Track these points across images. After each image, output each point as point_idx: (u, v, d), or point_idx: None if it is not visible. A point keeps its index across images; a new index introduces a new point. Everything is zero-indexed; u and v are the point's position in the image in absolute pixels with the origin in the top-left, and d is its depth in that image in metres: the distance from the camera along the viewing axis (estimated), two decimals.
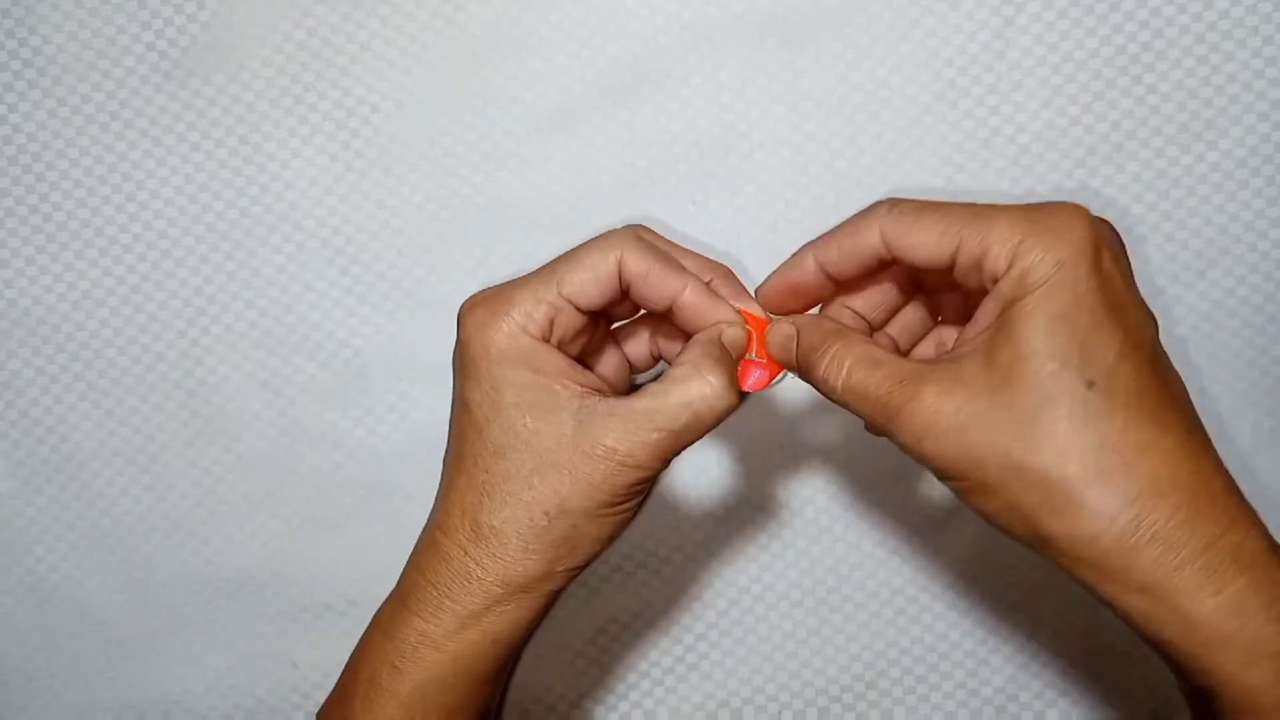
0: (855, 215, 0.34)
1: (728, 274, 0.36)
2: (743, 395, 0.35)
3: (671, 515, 0.49)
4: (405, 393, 0.50)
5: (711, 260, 0.36)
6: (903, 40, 0.46)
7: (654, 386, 0.34)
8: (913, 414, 0.31)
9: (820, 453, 0.49)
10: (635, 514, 0.35)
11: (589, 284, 0.34)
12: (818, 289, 0.35)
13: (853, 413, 0.33)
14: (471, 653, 0.34)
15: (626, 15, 0.47)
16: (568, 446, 0.33)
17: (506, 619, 0.34)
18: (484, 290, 0.35)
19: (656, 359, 0.40)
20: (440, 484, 0.36)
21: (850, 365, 0.33)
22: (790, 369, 0.35)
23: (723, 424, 0.37)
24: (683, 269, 0.35)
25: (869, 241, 0.33)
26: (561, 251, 0.34)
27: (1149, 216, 0.46)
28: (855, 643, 0.50)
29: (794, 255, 0.35)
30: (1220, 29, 0.45)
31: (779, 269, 0.35)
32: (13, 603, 0.52)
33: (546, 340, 0.34)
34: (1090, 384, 0.29)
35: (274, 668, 0.51)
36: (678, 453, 0.34)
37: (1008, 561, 0.49)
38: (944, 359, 0.32)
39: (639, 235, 0.35)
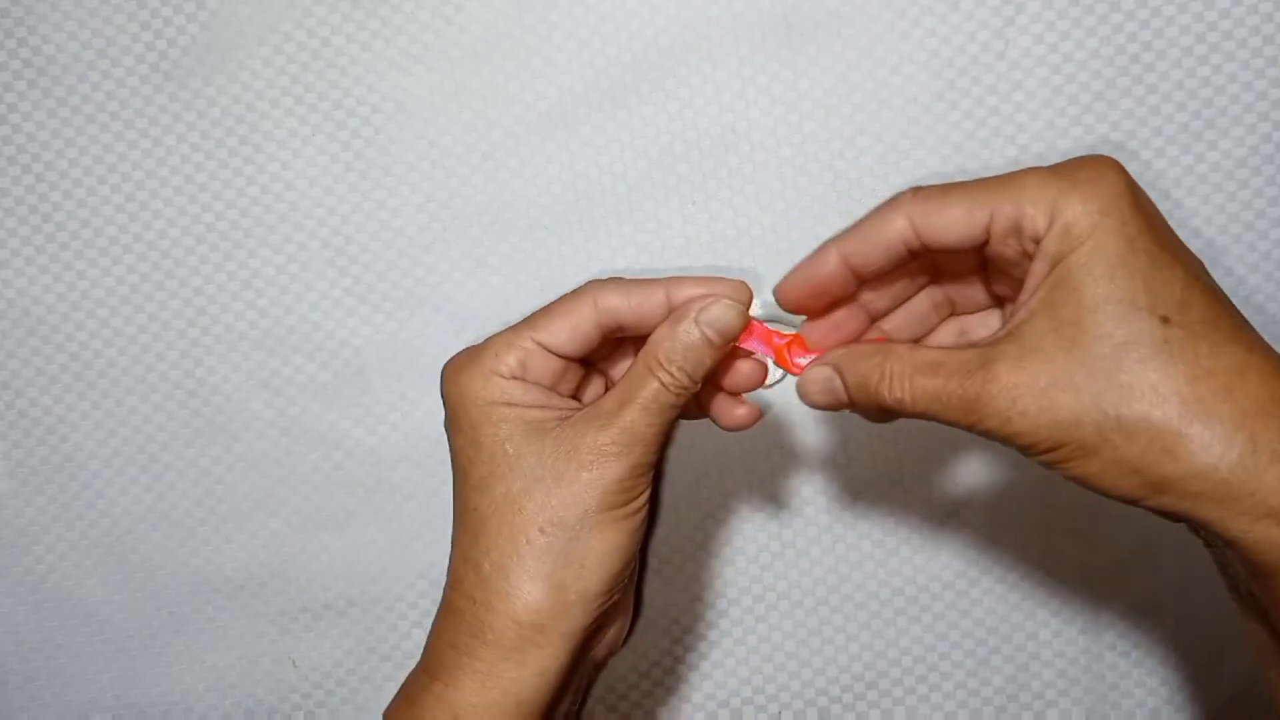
0: (877, 207, 0.32)
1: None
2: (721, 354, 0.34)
3: (671, 516, 0.49)
4: (405, 393, 0.50)
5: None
6: (903, 40, 0.46)
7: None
8: (993, 398, 0.29)
9: (820, 453, 0.49)
10: (642, 528, 0.34)
11: (562, 329, 0.34)
12: (841, 286, 0.34)
13: (933, 420, 0.31)
14: (494, 717, 0.32)
15: (626, 15, 0.47)
16: (550, 458, 0.33)
17: (527, 673, 0.32)
18: (463, 349, 0.36)
19: None
20: None
21: (912, 377, 0.31)
22: (844, 408, 0.34)
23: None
24: (660, 280, 0.34)
25: (896, 229, 0.32)
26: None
27: None
28: (855, 643, 0.50)
29: (816, 252, 0.34)
30: (1220, 29, 0.45)
31: (799, 266, 0.34)
32: (13, 603, 0.52)
33: (520, 380, 0.34)
34: (1165, 320, 0.28)
35: (274, 668, 0.51)
36: (661, 431, 0.33)
37: (1008, 561, 0.49)
38: (1004, 333, 0.31)
39: (610, 278, 0.35)
